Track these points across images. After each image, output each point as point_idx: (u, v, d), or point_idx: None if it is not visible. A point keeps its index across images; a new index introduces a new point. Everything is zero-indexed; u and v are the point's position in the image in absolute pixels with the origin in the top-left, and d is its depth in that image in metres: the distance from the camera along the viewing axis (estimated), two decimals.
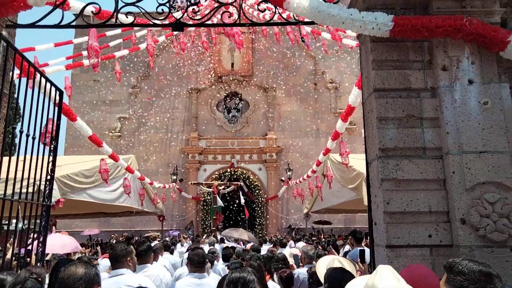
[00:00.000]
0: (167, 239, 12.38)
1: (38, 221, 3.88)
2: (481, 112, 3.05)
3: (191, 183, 17.58)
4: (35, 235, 4.03)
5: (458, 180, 2.95)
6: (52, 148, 4.23)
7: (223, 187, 15.97)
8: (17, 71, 3.73)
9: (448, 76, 3.12)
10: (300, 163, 18.28)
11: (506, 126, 3.04)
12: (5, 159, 3.17)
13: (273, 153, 18.99)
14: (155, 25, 3.76)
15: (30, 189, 3.75)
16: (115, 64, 10.91)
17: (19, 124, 3.47)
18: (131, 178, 9.73)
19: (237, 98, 20.13)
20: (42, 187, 4.00)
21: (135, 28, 10.64)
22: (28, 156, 3.47)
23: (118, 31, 10.61)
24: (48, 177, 4.07)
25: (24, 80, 3.62)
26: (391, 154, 3.13)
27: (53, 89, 4.29)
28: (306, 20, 3.59)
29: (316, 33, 10.56)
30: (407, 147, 3.13)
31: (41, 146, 3.75)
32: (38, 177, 3.72)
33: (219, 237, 11.58)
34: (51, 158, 4.16)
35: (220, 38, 18.92)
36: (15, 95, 4.16)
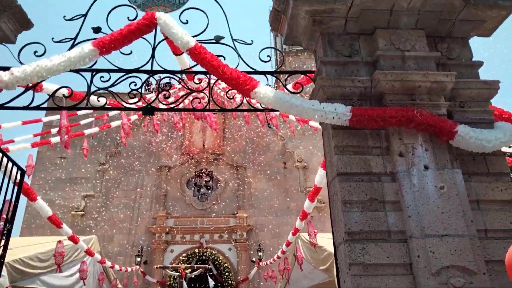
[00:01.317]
0: None
1: None
2: (438, 196, 3.19)
3: (156, 267, 16.55)
4: None
5: (424, 264, 2.97)
6: (5, 232, 3.97)
7: (190, 270, 15.11)
8: None
9: (405, 162, 3.30)
10: (272, 242, 17.83)
11: (463, 210, 3.17)
12: None
13: (244, 232, 18.49)
14: (126, 108, 3.87)
15: None
16: (84, 141, 10.83)
17: None
18: (91, 262, 9.09)
19: (208, 176, 20.09)
20: None
21: None
22: None
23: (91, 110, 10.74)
24: None
25: None
26: (357, 237, 3.14)
27: (14, 168, 4.17)
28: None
29: (284, 115, 11.11)
30: (372, 231, 3.16)
31: None
32: None
33: None
34: (3, 243, 3.88)
35: (192, 118, 19.44)
36: None
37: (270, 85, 3.68)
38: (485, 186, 3.37)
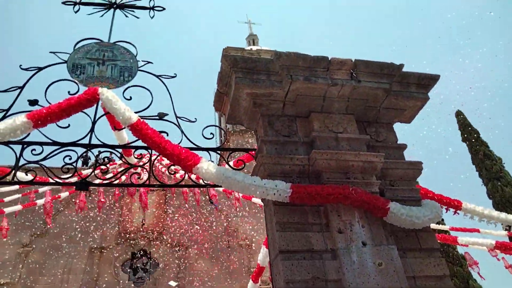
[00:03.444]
0: None
1: None
2: (377, 273, 3.22)
3: None
4: None
5: None
6: None
7: None
8: None
9: (344, 239, 3.35)
10: None
11: (402, 287, 3.20)
12: None
13: None
14: (57, 183, 3.63)
15: None
16: (3, 221, 9.79)
17: None
18: None
19: (146, 257, 18.68)
20: None
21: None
22: None
23: (16, 186, 9.91)
24: None
25: None
26: None
27: None
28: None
29: (227, 192, 11.03)
30: None
31: None
32: None
33: None
34: None
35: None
36: None
37: (213, 161, 3.71)
38: (419, 262, 3.48)
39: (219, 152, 4.21)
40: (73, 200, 17.82)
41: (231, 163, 4.04)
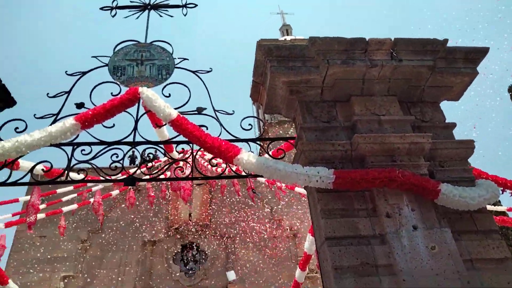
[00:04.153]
0: None
1: None
2: (431, 257, 3.10)
3: None
4: None
5: None
6: None
7: None
8: None
9: (393, 223, 3.24)
10: None
11: (458, 271, 3.06)
12: None
13: None
14: (106, 180, 3.81)
15: None
16: (61, 219, 10.47)
17: None
18: None
19: (195, 249, 19.28)
20: None
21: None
22: None
23: (71, 186, 10.57)
24: None
25: None
26: None
27: None
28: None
29: (269, 182, 11.07)
30: None
31: None
32: None
33: None
34: None
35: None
36: None
37: (253, 152, 3.72)
38: (477, 244, 3.30)
39: (258, 142, 4.21)
40: (124, 197, 18.70)
41: (270, 152, 4.03)
